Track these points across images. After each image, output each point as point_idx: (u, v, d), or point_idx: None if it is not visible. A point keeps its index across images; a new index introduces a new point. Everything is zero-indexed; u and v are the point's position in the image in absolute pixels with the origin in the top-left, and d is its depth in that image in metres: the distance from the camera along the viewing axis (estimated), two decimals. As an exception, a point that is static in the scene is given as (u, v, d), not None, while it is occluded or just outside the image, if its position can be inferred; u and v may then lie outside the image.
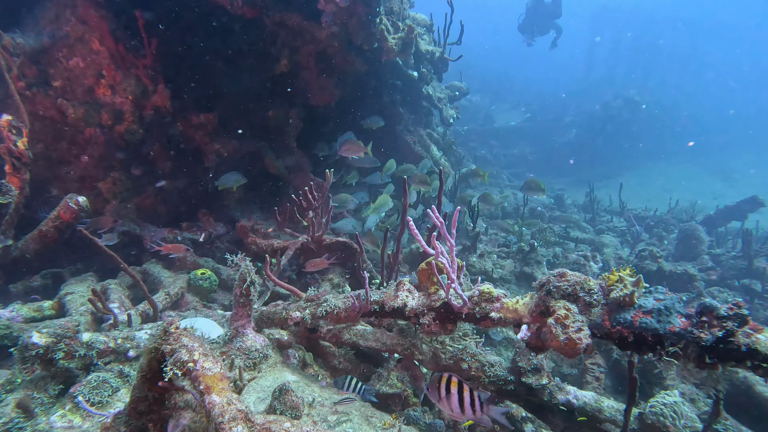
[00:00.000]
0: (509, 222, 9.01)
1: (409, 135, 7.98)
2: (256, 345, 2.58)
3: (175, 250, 4.13)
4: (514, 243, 6.93)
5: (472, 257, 6.14)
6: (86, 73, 4.38)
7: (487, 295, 2.37)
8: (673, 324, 1.89)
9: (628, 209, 11.55)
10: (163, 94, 4.55)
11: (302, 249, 4.33)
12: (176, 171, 5.19)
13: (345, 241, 4.21)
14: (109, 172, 4.72)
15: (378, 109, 7.74)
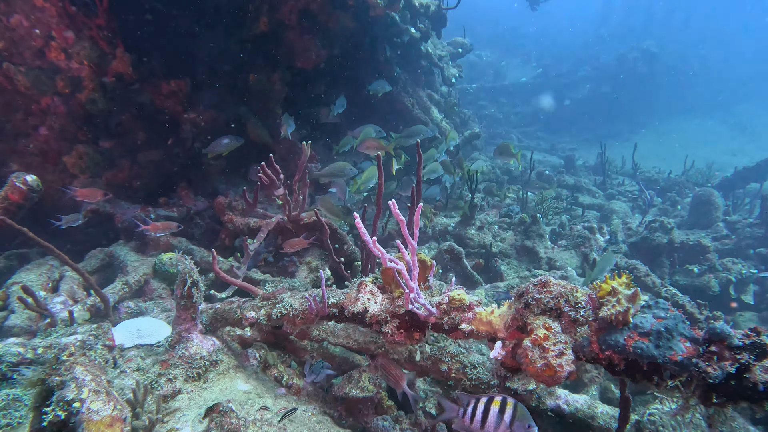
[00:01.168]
0: (514, 188, 8.56)
1: (407, 97, 7.44)
2: (201, 351, 2.28)
3: (164, 228, 3.82)
4: (517, 213, 6.51)
5: (470, 230, 5.76)
6: (32, 33, 3.95)
7: (457, 303, 2.01)
8: (675, 351, 1.52)
9: (640, 171, 10.95)
10: (123, 59, 4.11)
11: (280, 229, 4.00)
12: (150, 143, 4.81)
13: (324, 219, 3.85)
14: (73, 145, 4.36)
15: (373, 70, 7.20)
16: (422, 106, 7.76)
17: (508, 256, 5.59)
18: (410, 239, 1.87)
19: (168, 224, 3.93)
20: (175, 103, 4.63)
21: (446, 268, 4.90)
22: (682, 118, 20.24)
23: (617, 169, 11.63)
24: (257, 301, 2.51)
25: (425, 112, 7.71)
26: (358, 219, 1.77)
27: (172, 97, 4.59)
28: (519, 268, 5.43)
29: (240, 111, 5.47)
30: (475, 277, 4.83)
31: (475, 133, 8.06)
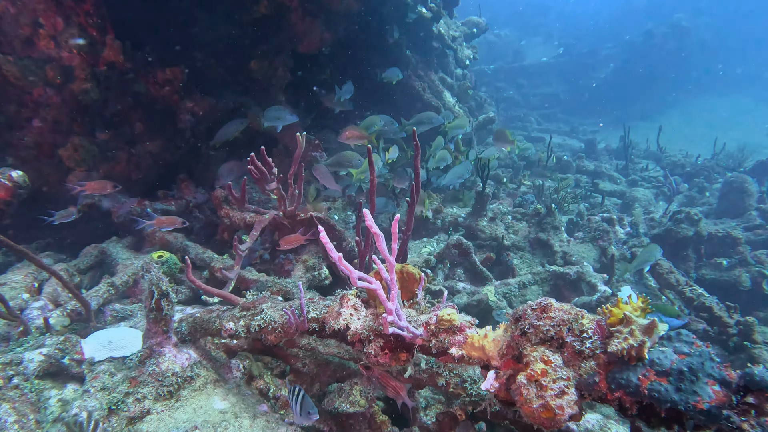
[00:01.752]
0: (526, 173, 8.19)
1: (417, 81, 7.10)
2: (174, 367, 2.10)
3: (169, 223, 3.66)
4: (531, 203, 6.18)
5: (481, 221, 5.47)
6: (19, 20, 3.78)
7: (446, 324, 1.76)
8: (701, 396, 1.26)
9: (666, 155, 10.39)
10: (113, 46, 3.91)
11: (276, 224, 3.79)
12: (147, 134, 4.63)
13: (320, 216, 3.63)
14: (68, 137, 4.22)
15: (381, 53, 6.87)
16: (434, 90, 7.41)
17: (521, 250, 5.29)
18: (387, 255, 1.62)
19: (173, 219, 3.76)
20: (171, 91, 4.43)
21: (454, 263, 4.64)
22: (713, 95, 19.23)
23: (641, 153, 11.06)
24: (237, 311, 2.32)
25: (437, 97, 7.37)
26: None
27: (168, 85, 4.39)
28: (532, 263, 5.14)
29: (241, 99, 5.25)
30: (485, 272, 4.56)
31: (490, 117, 7.69)
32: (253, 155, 3.03)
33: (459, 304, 4.16)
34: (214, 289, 2.28)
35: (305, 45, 5.45)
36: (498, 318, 4.22)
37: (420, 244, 5.26)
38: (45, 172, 4.30)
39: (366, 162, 4.30)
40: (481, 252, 5.32)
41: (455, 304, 4.26)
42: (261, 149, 3.09)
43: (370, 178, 2.75)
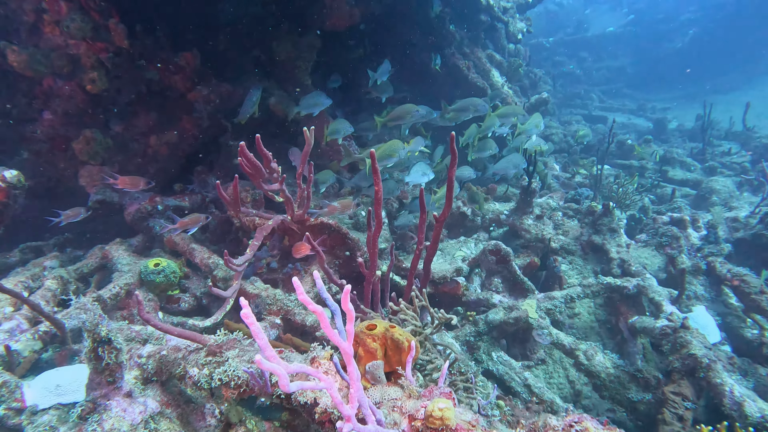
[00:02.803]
0: (584, 161, 7.30)
1: (461, 59, 6.38)
2: (122, 426, 1.74)
3: (193, 223, 3.38)
4: (586, 197, 5.40)
5: (526, 219, 4.81)
6: (23, 6, 3.52)
7: (437, 424, 1.25)
8: None
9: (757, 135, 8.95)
10: (117, 30, 3.57)
11: (285, 229, 3.38)
12: (163, 124, 4.34)
13: (330, 223, 3.17)
14: (80, 129, 3.99)
15: (421, 29, 6.21)
16: (480, 69, 6.66)
17: (571, 253, 4.60)
18: (340, 341, 1.12)
19: (196, 218, 3.45)
20: (183, 78, 4.07)
21: (491, 271, 4.06)
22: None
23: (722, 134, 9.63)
24: (202, 355, 1.92)
25: (484, 77, 6.62)
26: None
27: (179, 72, 4.04)
28: (583, 269, 4.45)
29: (263, 84, 4.82)
30: (526, 283, 3.95)
31: (543, 99, 6.85)
32: (242, 144, 2.56)
33: (494, 321, 3.61)
34: (175, 329, 1.89)
35: (333, 22, 4.91)
36: (539, 339, 3.62)
37: (456, 245, 4.69)
38: (60, 166, 4.12)
39: (387, 145, 3.80)
40: (524, 254, 4.68)
41: (489, 320, 3.72)
42: (256, 137, 2.61)
43: (375, 188, 2.24)
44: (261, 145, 2.57)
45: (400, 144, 3.97)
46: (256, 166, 2.59)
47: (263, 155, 2.64)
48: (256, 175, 2.65)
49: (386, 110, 5.71)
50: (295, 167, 4.19)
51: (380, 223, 2.30)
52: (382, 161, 3.86)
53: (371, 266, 2.40)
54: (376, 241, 2.36)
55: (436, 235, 2.55)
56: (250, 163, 2.57)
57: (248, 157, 2.53)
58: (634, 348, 3.72)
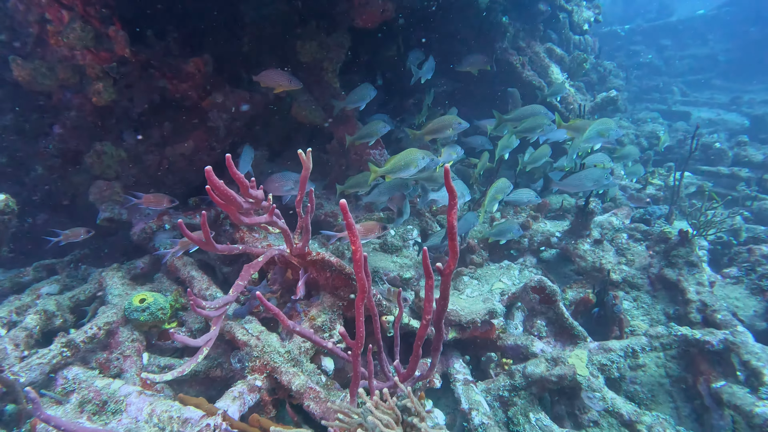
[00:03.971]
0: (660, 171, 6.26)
1: (514, 55, 5.63)
2: None
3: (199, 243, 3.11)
4: (658, 218, 4.51)
5: (582, 244, 4.06)
6: (28, 18, 3.32)
7: None
8: None
9: None
10: (118, 38, 3.29)
11: (286, 262, 2.93)
12: (178, 134, 4.06)
13: (331, 261, 2.66)
14: (92, 142, 3.79)
15: (469, 22, 5.53)
16: (537, 66, 5.86)
17: (637, 288, 3.80)
18: None
19: (184, 244, 3.16)
20: (193, 86, 3.74)
21: (534, 311, 3.39)
22: None
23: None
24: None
25: (541, 74, 5.82)
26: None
27: (189, 79, 3.71)
28: (651, 310, 3.65)
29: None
30: (576, 328, 3.25)
31: (611, 98, 5.91)
32: (208, 169, 1.99)
33: (533, 375, 2.97)
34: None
35: (364, 18, 4.38)
36: (590, 404, 2.93)
37: (497, 272, 4.04)
38: (75, 182, 3.95)
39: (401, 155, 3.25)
40: (577, 285, 3.96)
41: (528, 373, 3.06)
42: (227, 157, 2.04)
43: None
44: (233, 168, 2.08)
45: (418, 153, 3.39)
46: (229, 196, 2.12)
47: (238, 182, 2.17)
48: (230, 208, 2.20)
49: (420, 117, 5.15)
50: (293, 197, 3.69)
51: (363, 286, 1.76)
52: (397, 173, 3.31)
53: (357, 337, 1.87)
54: (361, 309, 1.83)
55: (445, 289, 1.98)
56: (221, 192, 2.10)
57: (216, 185, 2.05)
58: (720, 421, 2.92)
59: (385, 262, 3.94)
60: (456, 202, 1.64)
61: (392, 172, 3.34)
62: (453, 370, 3.13)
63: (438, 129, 3.98)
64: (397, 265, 3.93)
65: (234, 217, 2.20)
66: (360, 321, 1.84)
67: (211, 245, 2.24)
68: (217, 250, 2.30)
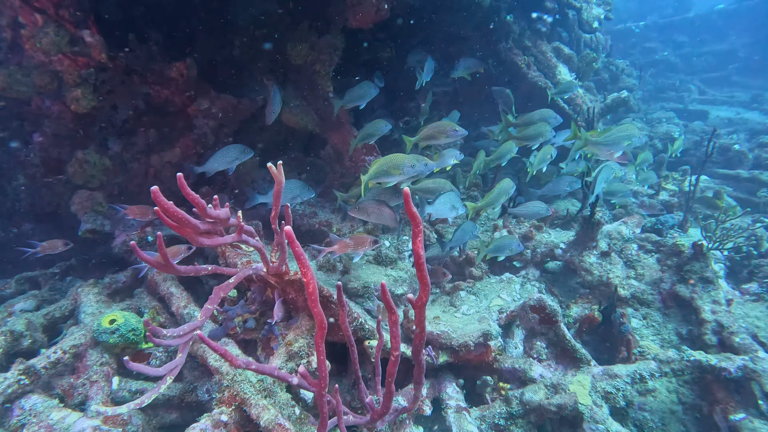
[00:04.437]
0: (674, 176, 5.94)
1: (519, 55, 5.36)
2: None
3: (173, 255, 2.92)
4: (671, 227, 4.21)
5: (588, 257, 3.80)
6: (0, 21, 3.18)
7: None
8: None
9: None
10: (93, 42, 3.13)
11: (264, 281, 2.74)
12: (164, 141, 3.90)
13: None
14: (74, 151, 3.64)
15: (472, 21, 5.28)
16: (544, 65, 5.58)
17: (647, 305, 3.53)
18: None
19: (177, 249, 2.99)
20: (175, 92, 3.57)
21: (533, 332, 3.15)
22: None
23: None
24: None
25: (548, 74, 5.54)
26: None
27: (171, 85, 3.54)
28: (662, 329, 3.37)
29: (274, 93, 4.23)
30: (579, 351, 2.99)
31: (621, 99, 5.59)
32: (155, 189, 1.70)
33: (531, 402, 2.74)
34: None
35: (358, 18, 4.17)
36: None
37: (497, 286, 3.80)
38: (57, 191, 3.81)
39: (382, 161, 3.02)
40: (583, 300, 3.71)
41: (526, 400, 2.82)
42: (178, 176, 1.81)
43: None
44: (186, 189, 1.87)
45: (405, 159, 3.15)
46: (182, 219, 1.91)
47: (192, 202, 1.96)
48: (186, 231, 1.99)
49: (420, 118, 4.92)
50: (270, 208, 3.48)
51: (322, 322, 1.55)
52: (379, 178, 3.09)
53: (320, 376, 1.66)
54: (320, 347, 1.61)
55: (420, 322, 1.76)
56: (171, 215, 1.88)
57: (166, 207, 1.83)
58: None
59: (377, 276, 3.72)
60: (420, 229, 1.42)
61: (374, 178, 3.12)
62: (445, 395, 2.91)
63: (433, 135, 3.75)
64: (391, 278, 3.72)
65: (193, 241, 2.00)
66: (321, 360, 1.63)
67: (170, 267, 2.04)
68: (179, 272, 2.11)
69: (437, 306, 3.66)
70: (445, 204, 3.10)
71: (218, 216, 1.98)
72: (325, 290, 2.46)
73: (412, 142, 3.79)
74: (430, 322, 3.03)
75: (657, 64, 12.39)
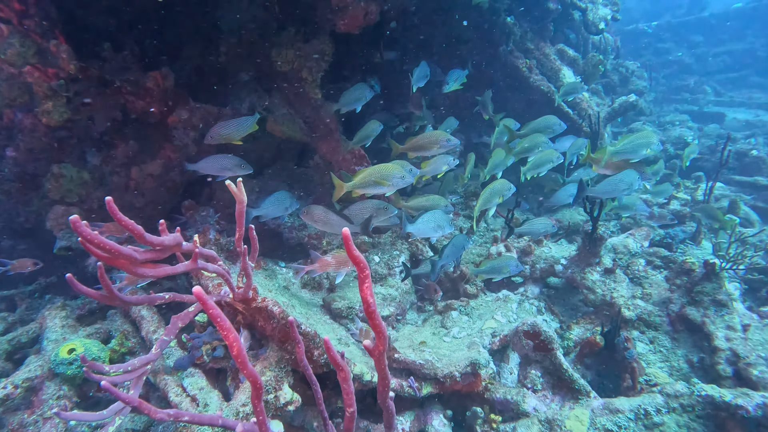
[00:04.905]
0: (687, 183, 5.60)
1: (520, 58, 5.10)
2: None
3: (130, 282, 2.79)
4: (681, 241, 3.90)
5: (590, 274, 3.52)
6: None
7: None
8: None
9: None
10: (60, 52, 2.97)
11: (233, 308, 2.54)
12: (145, 153, 3.74)
13: (274, 311, 2.24)
14: (50, 165, 3.50)
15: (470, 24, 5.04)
16: (547, 69, 5.31)
17: (654, 328, 3.24)
18: None
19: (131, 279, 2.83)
20: (151, 102, 3.40)
21: (527, 359, 2.89)
22: None
23: None
24: None
25: (552, 77, 5.26)
26: None
27: (146, 95, 3.37)
28: (671, 356, 3.08)
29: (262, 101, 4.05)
30: (577, 381, 2.73)
31: (630, 103, 5.29)
32: (74, 219, 1.47)
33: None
34: None
35: (346, 22, 3.96)
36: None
37: (492, 305, 3.55)
38: (36, 207, 3.67)
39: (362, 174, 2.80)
40: (585, 320, 3.43)
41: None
42: (107, 200, 1.56)
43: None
44: (117, 213, 1.62)
45: (395, 170, 2.94)
46: (112, 249, 1.70)
47: (127, 228, 1.73)
48: (120, 262, 1.78)
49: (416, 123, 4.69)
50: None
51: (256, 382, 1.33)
52: (366, 189, 2.88)
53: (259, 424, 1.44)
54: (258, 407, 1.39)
55: (381, 369, 1.54)
56: (97, 245, 1.66)
57: (88, 237, 1.62)
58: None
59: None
60: (365, 274, 1.20)
61: (360, 187, 2.91)
62: (431, 428, 2.67)
63: (424, 145, 3.53)
64: (380, 297, 3.49)
65: (132, 273, 1.80)
66: (261, 420, 1.41)
67: (114, 299, 1.85)
68: (127, 303, 1.91)
69: (428, 327, 3.42)
70: (429, 223, 2.87)
71: (161, 243, 1.78)
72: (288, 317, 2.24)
73: (399, 150, 3.56)
74: (415, 349, 2.80)
75: (671, 65, 11.95)
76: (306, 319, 2.98)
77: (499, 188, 3.41)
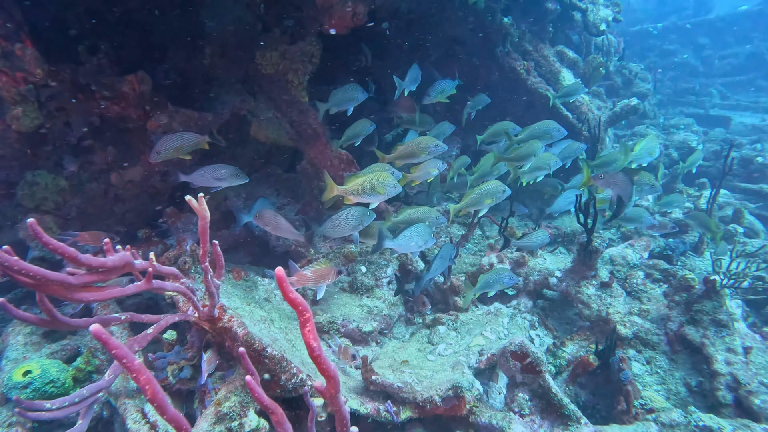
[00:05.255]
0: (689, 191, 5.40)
1: (518, 60, 4.92)
2: None
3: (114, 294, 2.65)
4: (681, 254, 3.70)
5: (585, 287, 3.34)
6: (-66, 38, 2.91)
7: None
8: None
9: None
10: (26, 56, 2.83)
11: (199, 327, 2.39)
12: (125, 159, 3.60)
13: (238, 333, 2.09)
14: (23, 172, 3.37)
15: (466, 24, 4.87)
16: (546, 71, 5.12)
17: (652, 347, 3.06)
18: None
19: (117, 282, 2.68)
20: (126, 107, 3.26)
21: (514, 381, 2.72)
22: None
23: None
24: None
25: (550, 80, 5.08)
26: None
27: (121, 100, 3.23)
28: (668, 377, 2.89)
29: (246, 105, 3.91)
30: (567, 407, 2.55)
31: (631, 107, 5.09)
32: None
33: (507, 469, 2.31)
34: None
35: (334, 22, 3.81)
36: None
37: (483, 318, 3.38)
38: (10, 215, 3.54)
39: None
40: (579, 337, 3.26)
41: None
42: (29, 222, 1.34)
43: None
44: (42, 236, 1.40)
45: (388, 179, 2.80)
46: (42, 276, 1.49)
47: (56, 252, 1.52)
48: (53, 289, 1.60)
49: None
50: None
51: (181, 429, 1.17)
52: (362, 197, 2.75)
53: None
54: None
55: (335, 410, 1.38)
56: (26, 273, 1.43)
57: (8, 264, 1.42)
58: None
59: (349, 308, 3.35)
60: (306, 317, 1.04)
61: (354, 194, 2.77)
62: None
63: (412, 152, 3.37)
64: (365, 309, 3.34)
65: (69, 299, 1.64)
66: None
67: (57, 323, 1.70)
68: (72, 327, 1.77)
69: (414, 342, 3.26)
70: (410, 238, 2.71)
71: (103, 264, 1.62)
72: (257, 342, 2.09)
73: (386, 159, 3.41)
74: (395, 369, 2.64)
75: (676, 68, 11.70)
76: (285, 334, 2.84)
77: (491, 189, 3.24)
